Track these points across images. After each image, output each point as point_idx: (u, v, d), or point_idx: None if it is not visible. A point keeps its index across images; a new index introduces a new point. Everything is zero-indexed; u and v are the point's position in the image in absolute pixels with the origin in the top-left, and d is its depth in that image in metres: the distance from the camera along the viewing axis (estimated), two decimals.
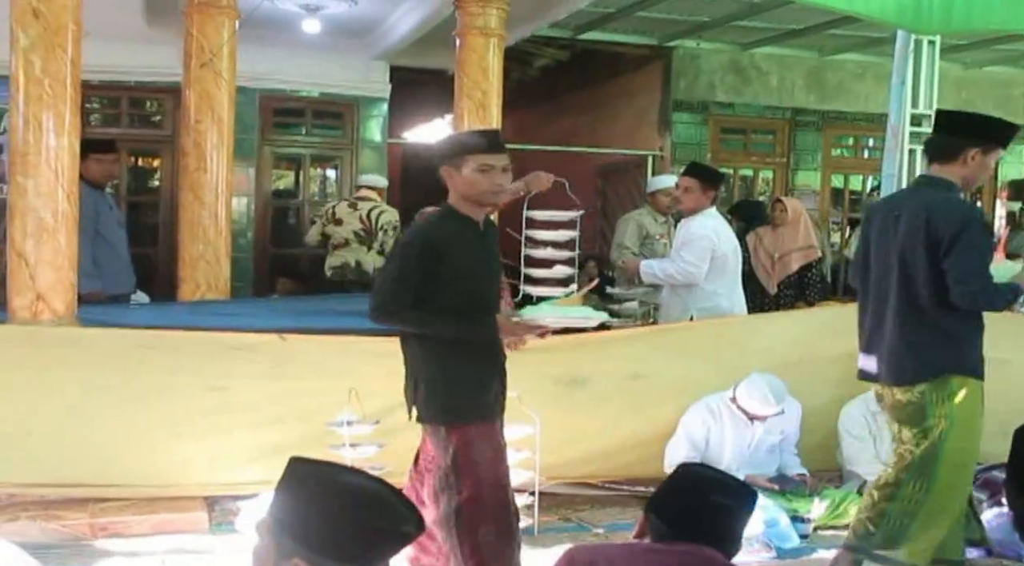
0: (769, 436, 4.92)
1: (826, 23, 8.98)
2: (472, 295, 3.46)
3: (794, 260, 7.57)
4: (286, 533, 1.84)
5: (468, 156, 3.40)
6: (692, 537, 2.44)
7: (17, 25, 4.47)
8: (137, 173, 9.62)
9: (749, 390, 4.74)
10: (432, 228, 3.47)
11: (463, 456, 3.39)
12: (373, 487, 1.88)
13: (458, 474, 3.39)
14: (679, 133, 10.33)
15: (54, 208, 4.56)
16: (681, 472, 2.74)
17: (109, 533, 4.36)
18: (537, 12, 7.59)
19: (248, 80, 7.21)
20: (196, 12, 6.10)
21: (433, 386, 3.46)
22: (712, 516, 2.49)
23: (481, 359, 3.51)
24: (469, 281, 3.45)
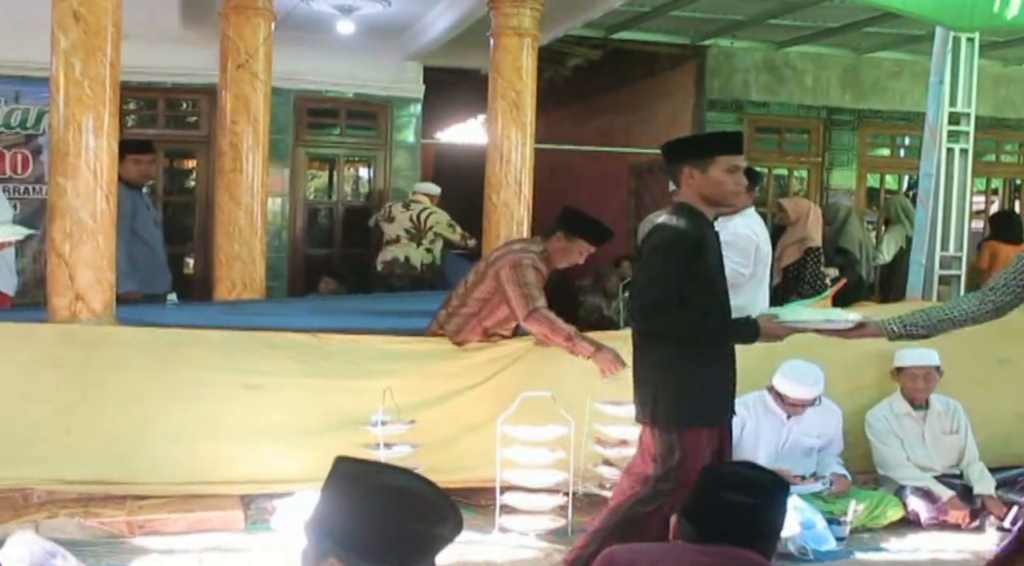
0: (806, 437, 4.88)
1: (862, 21, 8.89)
2: (719, 295, 3.52)
3: (787, 255, 7.50)
4: (324, 532, 1.84)
5: (719, 156, 3.43)
6: (719, 538, 2.43)
7: (58, 28, 4.52)
8: (173, 174, 9.69)
9: (785, 373, 4.72)
10: (689, 226, 3.44)
11: (690, 460, 3.40)
12: (414, 487, 1.86)
13: (679, 475, 3.41)
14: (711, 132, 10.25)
15: (93, 208, 4.60)
16: (703, 472, 2.73)
17: (147, 531, 4.39)
18: (571, 12, 7.57)
19: (283, 81, 7.24)
20: (232, 14, 6.14)
21: (668, 389, 3.46)
22: (730, 515, 2.46)
23: (721, 362, 3.54)
24: (716, 281, 3.50)
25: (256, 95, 6.17)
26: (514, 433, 4.51)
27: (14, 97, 8.08)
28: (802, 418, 4.81)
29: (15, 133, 8.15)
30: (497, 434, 4.49)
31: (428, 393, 4.71)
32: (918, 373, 5.04)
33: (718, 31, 9.71)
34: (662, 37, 9.93)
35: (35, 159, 8.20)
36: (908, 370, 5.07)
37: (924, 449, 5.07)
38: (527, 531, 4.49)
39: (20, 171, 8.20)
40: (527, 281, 4.58)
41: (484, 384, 4.80)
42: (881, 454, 5.06)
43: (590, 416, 4.59)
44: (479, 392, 4.79)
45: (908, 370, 5.07)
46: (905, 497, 4.88)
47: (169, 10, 7.68)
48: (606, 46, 10.55)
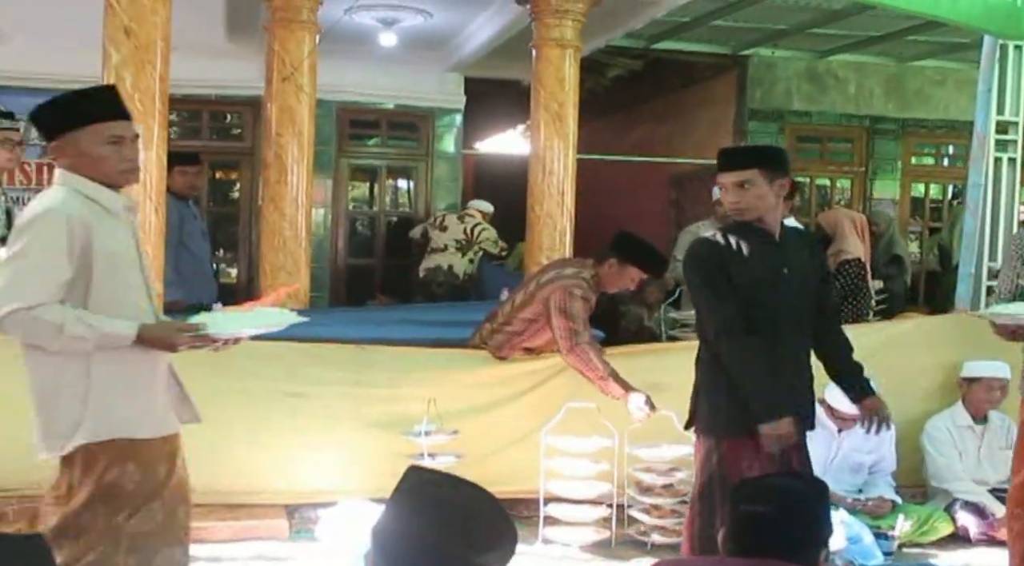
0: (856, 453, 4.82)
1: (906, 29, 8.81)
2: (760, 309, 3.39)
3: None
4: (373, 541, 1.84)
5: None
6: (754, 550, 2.37)
7: (109, 43, 4.59)
8: (217, 185, 9.81)
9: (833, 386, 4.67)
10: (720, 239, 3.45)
11: (730, 468, 3.37)
12: (471, 508, 1.80)
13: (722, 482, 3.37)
14: (754, 142, 10.21)
15: (142, 220, 4.64)
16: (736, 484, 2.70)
17: (192, 538, 4.41)
18: (612, 22, 7.57)
19: (326, 93, 7.31)
20: (278, 27, 6.20)
21: (709, 396, 3.46)
22: (751, 526, 2.40)
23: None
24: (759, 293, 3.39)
25: (301, 107, 6.23)
26: (558, 444, 4.51)
27: None
28: (852, 433, 4.75)
29: None
30: (541, 445, 4.49)
31: (472, 403, 4.72)
32: (993, 385, 4.98)
33: (759, 40, 9.67)
34: (703, 47, 9.92)
35: None
36: (983, 381, 5.00)
37: (979, 463, 5.01)
38: (570, 543, 4.48)
39: None
40: (574, 313, 4.56)
41: (528, 395, 4.80)
42: (937, 466, 4.99)
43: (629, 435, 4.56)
44: (523, 403, 4.79)
45: (983, 381, 5.00)
46: (955, 512, 4.82)
47: (214, 24, 7.77)
48: (647, 56, 10.54)
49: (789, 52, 10.12)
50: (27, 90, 7.84)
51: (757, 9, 8.47)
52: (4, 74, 7.82)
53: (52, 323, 2.66)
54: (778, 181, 3.38)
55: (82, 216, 2.74)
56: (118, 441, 2.80)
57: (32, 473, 4.39)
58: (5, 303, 2.67)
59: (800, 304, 3.43)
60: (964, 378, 5.09)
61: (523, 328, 4.80)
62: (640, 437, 4.52)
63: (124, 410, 2.82)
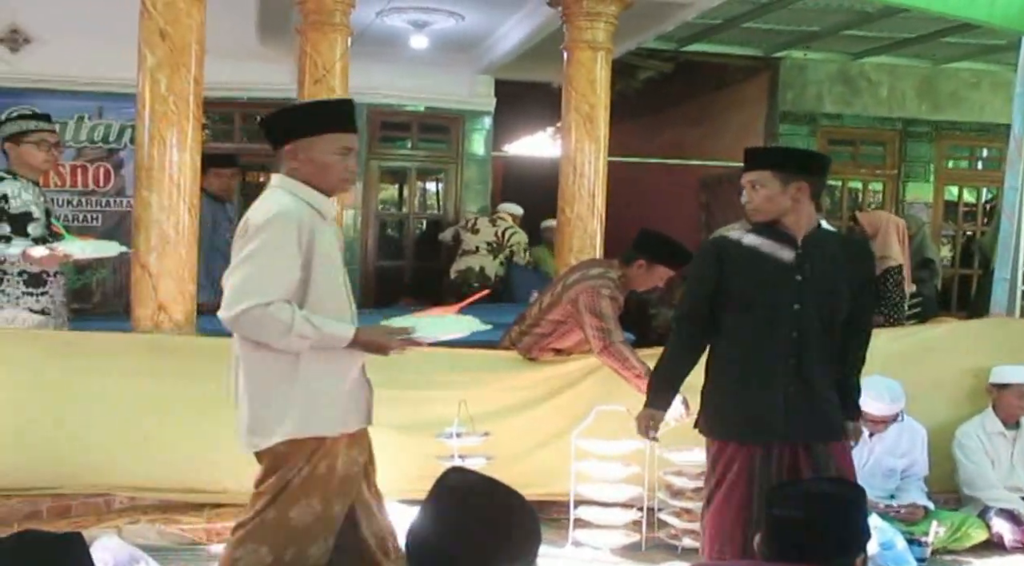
0: (888, 458, 4.78)
1: (940, 31, 8.75)
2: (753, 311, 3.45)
3: None
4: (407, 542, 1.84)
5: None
6: (788, 556, 2.37)
7: (145, 46, 4.64)
8: (249, 188, 9.86)
9: (865, 389, 4.62)
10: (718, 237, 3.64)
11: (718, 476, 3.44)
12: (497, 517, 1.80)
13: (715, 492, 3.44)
14: (786, 144, 10.15)
15: (176, 221, 4.71)
16: (775, 488, 2.71)
17: (224, 539, 4.43)
18: (644, 25, 7.55)
19: (357, 95, 7.26)
20: (310, 30, 6.23)
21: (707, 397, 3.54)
22: (785, 531, 2.41)
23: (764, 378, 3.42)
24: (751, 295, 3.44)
25: None
26: (588, 447, 4.50)
27: (97, 112, 8.29)
28: (884, 437, 4.72)
29: (98, 147, 8.36)
30: (571, 447, 4.48)
31: (502, 405, 4.72)
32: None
33: (791, 43, 9.63)
34: (734, 49, 9.89)
35: (116, 173, 8.40)
36: (1014, 387, 4.95)
37: (1012, 469, 4.95)
38: (601, 546, 4.46)
39: (102, 184, 8.41)
40: (604, 313, 4.56)
41: (558, 397, 4.80)
42: (969, 474, 4.94)
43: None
44: (553, 405, 4.79)
45: (1014, 387, 4.95)
46: (989, 519, 4.76)
47: (247, 27, 7.82)
48: (678, 58, 10.52)
49: (821, 54, 10.06)
50: (63, 93, 7.97)
51: (789, 11, 8.43)
52: (41, 77, 7.90)
53: (282, 322, 2.81)
54: (794, 184, 3.31)
55: (306, 219, 2.89)
56: (318, 438, 2.93)
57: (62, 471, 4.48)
58: (243, 299, 2.82)
59: (813, 312, 3.34)
60: (994, 384, 5.04)
61: (551, 330, 4.80)
62: (671, 440, 4.50)
63: (327, 408, 2.95)
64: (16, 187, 4.64)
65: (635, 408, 4.43)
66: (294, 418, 2.91)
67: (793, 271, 3.35)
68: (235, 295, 2.83)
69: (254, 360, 2.94)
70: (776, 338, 3.35)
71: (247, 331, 2.88)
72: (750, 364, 3.40)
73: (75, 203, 8.32)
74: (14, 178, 4.67)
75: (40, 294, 4.69)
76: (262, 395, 2.94)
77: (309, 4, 6.20)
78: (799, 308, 3.34)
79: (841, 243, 3.59)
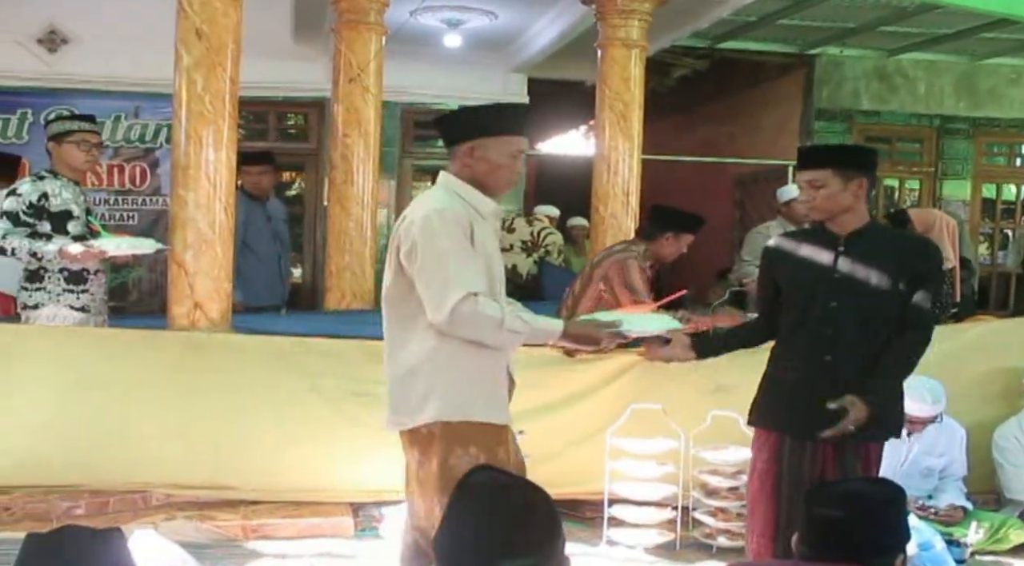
0: (927, 457, 4.73)
1: (978, 27, 8.65)
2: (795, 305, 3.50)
3: None
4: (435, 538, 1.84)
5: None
6: (829, 555, 2.35)
7: (181, 45, 4.66)
8: (282, 186, 9.93)
9: (905, 389, 4.58)
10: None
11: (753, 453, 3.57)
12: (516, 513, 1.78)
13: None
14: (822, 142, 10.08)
15: (212, 220, 4.73)
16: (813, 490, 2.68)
17: (259, 535, 4.48)
18: (678, 22, 7.52)
19: (390, 94, 7.37)
20: (345, 29, 6.25)
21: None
22: (825, 530, 2.39)
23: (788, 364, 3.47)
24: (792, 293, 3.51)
25: (367, 108, 6.28)
26: (623, 445, 4.48)
27: (134, 112, 8.38)
28: (922, 437, 4.67)
29: (134, 147, 8.45)
30: (606, 446, 4.47)
31: (537, 403, 4.70)
32: None
33: (827, 39, 9.55)
34: (769, 46, 9.83)
35: (152, 172, 8.49)
36: None
37: None
38: (635, 545, 4.44)
39: (138, 183, 8.50)
40: (634, 283, 4.73)
41: (593, 395, 4.78)
42: (1008, 476, 4.86)
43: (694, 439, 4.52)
44: (588, 403, 4.77)
45: None
46: None
47: (281, 26, 7.88)
48: (712, 56, 10.47)
49: (857, 51, 9.98)
50: (100, 93, 8.06)
51: (825, 7, 8.36)
52: (78, 77, 7.99)
53: (493, 317, 2.83)
54: (855, 181, 3.28)
55: (463, 215, 2.90)
56: (467, 423, 2.93)
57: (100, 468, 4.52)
58: (450, 295, 2.80)
59: (849, 309, 3.30)
60: None
61: (591, 311, 4.82)
62: (706, 439, 4.48)
63: (476, 395, 2.95)
64: (56, 186, 4.69)
65: (670, 407, 4.44)
66: (442, 400, 2.93)
67: (831, 269, 3.33)
68: (440, 294, 2.82)
69: (403, 340, 2.99)
70: (811, 335, 3.35)
71: (462, 329, 2.86)
72: (788, 358, 3.43)
73: (112, 202, 8.41)
74: (55, 177, 4.72)
75: (81, 291, 4.73)
76: (410, 375, 2.97)
77: (343, 3, 6.23)
78: (835, 306, 3.31)
79: (894, 239, 3.52)
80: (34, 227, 4.59)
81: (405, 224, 2.93)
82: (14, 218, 4.58)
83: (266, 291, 6.35)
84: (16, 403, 4.48)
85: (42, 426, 4.47)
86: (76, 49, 8.15)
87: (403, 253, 2.91)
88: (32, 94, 8.09)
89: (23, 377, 4.48)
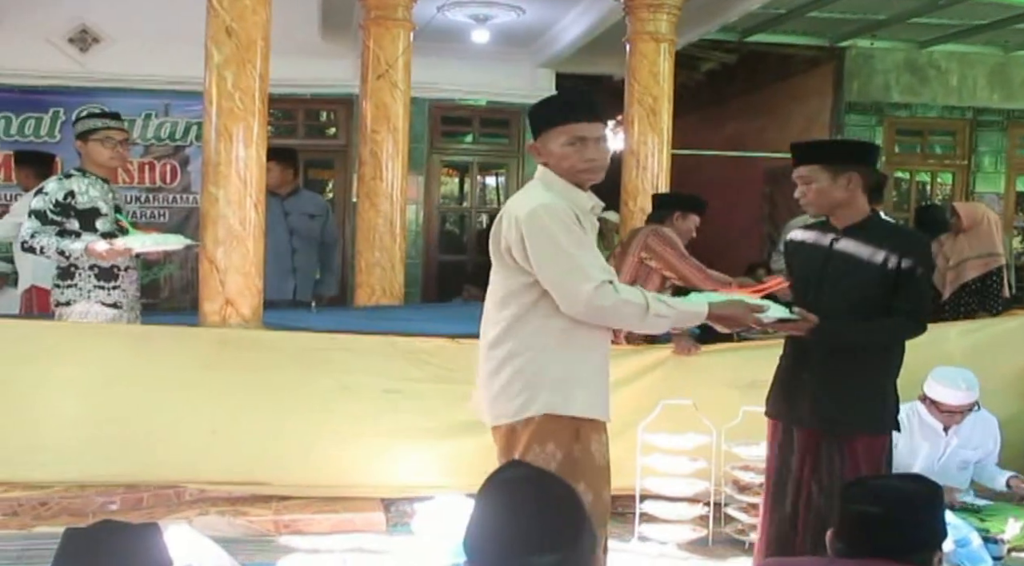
0: (963, 451, 4.68)
1: (1012, 17, 8.53)
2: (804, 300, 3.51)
3: (970, 268, 7.06)
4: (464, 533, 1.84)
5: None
6: (865, 551, 2.34)
7: (211, 42, 4.69)
8: (311, 183, 9.96)
9: (938, 379, 4.55)
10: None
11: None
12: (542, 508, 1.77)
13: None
14: (852, 135, 9.96)
15: (242, 216, 4.75)
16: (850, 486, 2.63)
17: (292, 530, 4.49)
18: (707, 15, 7.48)
19: (418, 90, 7.38)
20: (373, 25, 6.26)
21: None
22: (865, 527, 2.37)
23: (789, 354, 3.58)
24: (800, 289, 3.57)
25: (396, 104, 6.28)
26: (655, 441, 4.47)
27: (164, 110, 8.44)
28: (960, 430, 4.62)
29: (165, 145, 8.51)
30: (638, 441, 4.45)
31: None
32: None
33: (857, 31, 9.46)
34: (798, 39, 9.74)
35: (183, 170, 8.54)
36: None
37: None
38: (667, 541, 4.43)
39: (169, 181, 8.56)
40: (673, 241, 5.01)
41: (624, 390, 4.73)
42: None
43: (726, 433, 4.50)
44: (619, 398, 4.66)
45: None
46: None
47: (309, 23, 7.90)
48: (741, 49, 10.40)
49: (888, 43, 9.87)
50: (131, 91, 8.12)
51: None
52: (109, 76, 8.06)
53: (638, 303, 2.84)
54: (845, 176, 3.30)
55: (562, 206, 2.90)
56: (572, 419, 2.91)
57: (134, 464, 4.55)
58: (584, 283, 2.80)
59: (840, 300, 3.33)
60: None
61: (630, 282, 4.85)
62: (738, 435, 4.46)
63: (581, 390, 2.92)
64: (83, 184, 4.71)
65: (701, 403, 4.42)
66: (548, 395, 2.89)
67: (825, 262, 3.40)
68: (571, 285, 2.82)
69: (504, 332, 2.96)
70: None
71: (605, 317, 2.86)
72: (790, 348, 3.54)
73: (143, 200, 8.47)
74: (83, 175, 4.75)
75: (112, 288, 4.76)
76: (509, 369, 2.94)
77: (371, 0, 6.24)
78: (826, 298, 3.36)
79: (890, 233, 3.48)
80: (62, 225, 4.63)
81: (508, 221, 2.92)
82: (42, 217, 4.62)
83: (279, 286, 6.21)
84: (52, 400, 4.53)
85: (78, 423, 4.52)
86: (107, 48, 8.21)
87: (509, 250, 2.90)
88: (64, 93, 8.16)
89: (59, 374, 4.53)
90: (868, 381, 3.36)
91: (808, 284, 3.44)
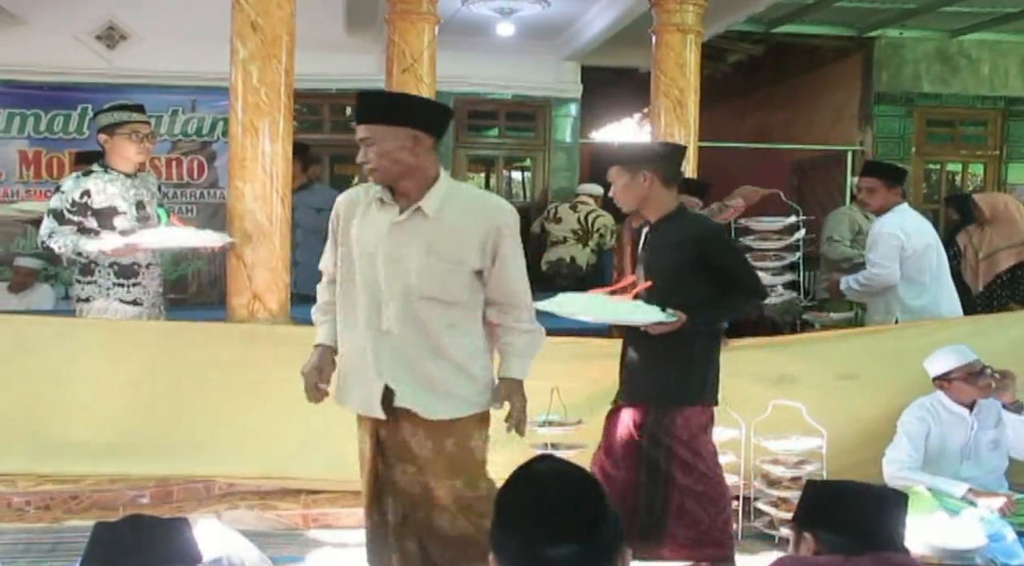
0: (988, 431, 4.61)
1: None
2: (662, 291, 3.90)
3: (1003, 259, 6.96)
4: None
5: None
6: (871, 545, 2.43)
7: (237, 38, 4.70)
8: (337, 178, 9.97)
9: (938, 354, 4.55)
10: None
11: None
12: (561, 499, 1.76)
13: None
14: (881, 127, 9.90)
15: (269, 211, 4.77)
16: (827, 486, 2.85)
17: (320, 524, 4.51)
18: (734, 6, 7.44)
19: (444, 83, 7.36)
20: (398, 19, 6.26)
21: None
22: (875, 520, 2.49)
23: None
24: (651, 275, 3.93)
25: None
26: None
27: (191, 106, 8.47)
28: (981, 411, 4.56)
29: (191, 140, 8.54)
30: None
31: (595, 393, 4.67)
32: None
33: (886, 21, 9.37)
34: (826, 29, 9.66)
35: (210, 165, 8.57)
36: None
37: None
38: None
39: (196, 177, 8.59)
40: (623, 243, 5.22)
41: None
42: None
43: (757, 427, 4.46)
44: None
45: None
46: None
47: (334, 17, 7.90)
48: (767, 40, 10.32)
49: (918, 32, 9.77)
50: (158, 88, 8.15)
51: None
52: (136, 73, 8.09)
53: None
54: (641, 174, 3.73)
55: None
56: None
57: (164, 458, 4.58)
58: None
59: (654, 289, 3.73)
60: None
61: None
62: (768, 429, 4.42)
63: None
64: (101, 182, 4.71)
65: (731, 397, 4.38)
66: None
67: (642, 256, 3.91)
68: None
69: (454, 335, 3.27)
70: None
71: None
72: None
73: (170, 195, 8.49)
74: (104, 171, 4.76)
75: (132, 285, 4.78)
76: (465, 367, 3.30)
77: None
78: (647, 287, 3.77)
79: (685, 226, 3.79)
80: (80, 224, 4.64)
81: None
82: (59, 216, 4.64)
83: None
84: (83, 395, 4.57)
85: (108, 418, 4.55)
86: (134, 45, 8.25)
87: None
88: (91, 90, 8.20)
89: (90, 370, 4.56)
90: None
91: (639, 277, 3.89)
